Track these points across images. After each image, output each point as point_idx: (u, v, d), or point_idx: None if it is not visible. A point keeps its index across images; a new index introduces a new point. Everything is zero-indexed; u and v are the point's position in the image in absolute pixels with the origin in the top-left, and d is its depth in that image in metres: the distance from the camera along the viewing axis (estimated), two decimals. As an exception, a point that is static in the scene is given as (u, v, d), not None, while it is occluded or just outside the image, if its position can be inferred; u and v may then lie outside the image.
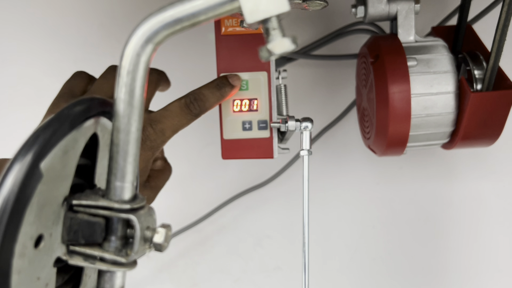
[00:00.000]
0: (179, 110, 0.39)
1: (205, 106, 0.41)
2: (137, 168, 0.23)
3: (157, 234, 0.22)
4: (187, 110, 0.39)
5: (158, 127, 0.38)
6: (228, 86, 0.43)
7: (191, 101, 0.40)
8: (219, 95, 0.42)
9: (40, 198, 0.19)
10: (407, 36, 0.49)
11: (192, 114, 0.40)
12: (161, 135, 0.38)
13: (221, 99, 0.42)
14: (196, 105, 0.40)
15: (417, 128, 0.48)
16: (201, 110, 0.40)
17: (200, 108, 0.40)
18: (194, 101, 0.40)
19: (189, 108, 0.39)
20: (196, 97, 0.40)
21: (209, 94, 0.41)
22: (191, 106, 0.40)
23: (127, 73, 0.21)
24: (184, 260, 0.68)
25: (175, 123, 0.39)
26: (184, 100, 0.40)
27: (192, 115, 0.40)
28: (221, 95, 0.42)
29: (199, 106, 0.40)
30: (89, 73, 0.44)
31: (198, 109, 0.40)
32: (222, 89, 0.42)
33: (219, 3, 0.20)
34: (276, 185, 0.66)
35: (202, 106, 0.40)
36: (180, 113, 0.39)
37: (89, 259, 0.22)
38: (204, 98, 0.40)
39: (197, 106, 0.40)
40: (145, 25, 0.20)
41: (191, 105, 0.40)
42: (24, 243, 0.18)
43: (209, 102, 0.41)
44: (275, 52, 0.20)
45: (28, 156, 0.18)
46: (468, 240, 0.65)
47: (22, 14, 0.66)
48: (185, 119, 0.39)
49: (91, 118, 0.22)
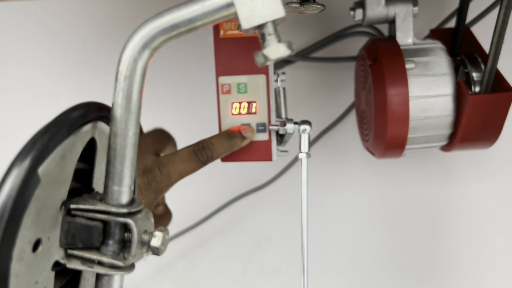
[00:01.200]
0: (187, 156, 0.40)
1: (212, 155, 0.41)
2: (134, 173, 0.23)
3: (154, 238, 0.22)
4: (195, 157, 0.40)
5: (165, 170, 0.39)
6: (239, 137, 0.43)
7: (199, 149, 0.41)
8: (228, 146, 0.42)
9: (38, 202, 0.19)
10: (405, 38, 0.49)
11: (199, 161, 0.41)
12: (167, 179, 0.39)
13: (230, 150, 0.43)
14: (204, 154, 0.41)
15: (416, 130, 0.48)
16: (208, 158, 0.41)
17: (208, 156, 0.41)
18: (202, 149, 0.41)
19: (196, 155, 0.40)
20: (204, 146, 0.41)
21: (217, 144, 0.42)
22: (199, 154, 0.41)
23: (124, 79, 0.21)
24: (184, 262, 0.68)
25: (181, 168, 0.40)
26: (193, 147, 0.41)
27: (199, 163, 0.41)
28: (230, 145, 0.43)
29: (206, 154, 0.41)
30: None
31: (205, 157, 0.41)
32: (232, 140, 0.43)
33: (215, 9, 0.20)
34: (275, 187, 0.66)
35: (209, 155, 0.41)
36: (187, 159, 0.40)
37: (87, 262, 0.22)
38: (212, 147, 0.41)
39: (205, 154, 0.41)
40: (142, 31, 0.20)
41: (199, 152, 0.41)
42: (22, 247, 0.19)
43: (217, 151, 0.42)
44: (270, 57, 0.20)
45: (26, 161, 0.18)
46: (467, 241, 0.65)
47: (21, 17, 0.66)
48: (191, 165, 0.40)
49: (89, 123, 0.22)
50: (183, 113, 0.67)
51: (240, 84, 0.45)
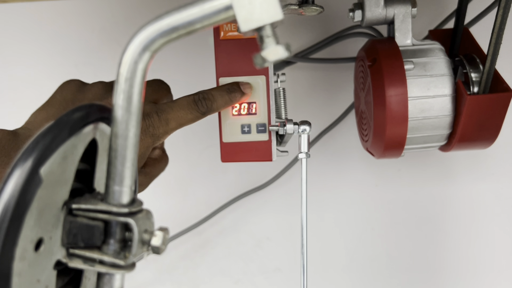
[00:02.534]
0: (186, 104, 0.40)
1: (212, 106, 0.41)
2: (135, 173, 0.23)
3: (155, 237, 0.23)
4: (195, 107, 0.40)
5: (163, 116, 0.38)
6: (238, 91, 0.43)
7: (199, 98, 0.40)
8: (227, 99, 0.42)
9: (40, 202, 0.19)
10: (404, 39, 0.50)
11: (199, 111, 0.40)
12: (165, 124, 0.38)
13: (230, 104, 0.43)
14: (204, 104, 0.41)
15: (414, 130, 0.48)
16: (208, 109, 0.41)
17: (208, 107, 0.41)
18: (203, 100, 0.41)
19: (196, 104, 0.40)
20: (205, 96, 0.41)
21: (218, 96, 0.42)
22: (199, 104, 0.40)
23: (125, 80, 0.21)
24: (185, 262, 0.68)
25: (180, 116, 0.39)
26: (193, 96, 0.41)
27: (199, 112, 0.40)
28: (230, 99, 0.43)
29: (206, 105, 0.41)
30: (79, 80, 0.45)
31: (205, 107, 0.41)
32: (232, 93, 0.43)
33: (214, 12, 0.20)
34: (275, 187, 0.66)
35: (209, 106, 0.41)
36: (187, 107, 0.40)
37: (89, 261, 0.22)
38: (212, 98, 0.41)
39: (205, 104, 0.41)
40: (142, 33, 0.21)
41: (199, 102, 0.40)
42: (25, 246, 0.19)
43: (217, 103, 0.41)
44: (269, 60, 0.21)
45: (28, 162, 0.18)
46: (467, 241, 0.65)
47: (24, 18, 0.67)
48: (191, 114, 0.40)
49: (90, 124, 0.22)
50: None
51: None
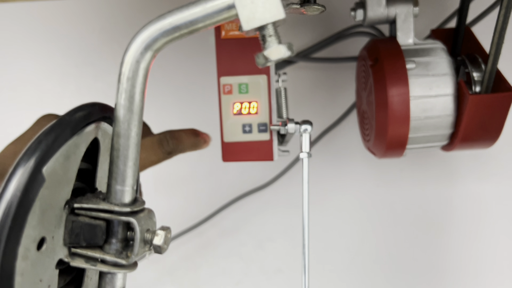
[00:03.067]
0: (150, 145, 0.38)
1: (178, 146, 0.40)
2: (137, 172, 0.23)
3: (157, 237, 0.23)
4: (159, 146, 0.38)
5: None
6: (202, 139, 0.42)
7: (166, 138, 0.39)
8: (194, 141, 0.41)
9: (42, 202, 0.19)
10: (406, 39, 0.49)
11: (163, 151, 0.39)
12: None
13: (194, 148, 0.41)
14: (170, 143, 0.39)
15: (416, 130, 0.48)
16: (173, 149, 0.39)
17: (174, 146, 0.39)
18: (169, 139, 0.39)
19: (161, 144, 0.38)
20: (171, 136, 0.39)
21: (184, 136, 0.40)
22: (164, 143, 0.39)
23: (127, 80, 0.21)
24: (186, 263, 0.68)
25: (144, 157, 0.37)
26: (158, 136, 0.39)
27: (163, 153, 0.39)
28: (195, 142, 0.41)
29: (172, 144, 0.39)
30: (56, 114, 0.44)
31: (172, 146, 0.39)
32: (197, 137, 0.41)
33: (216, 11, 0.20)
34: (277, 187, 0.66)
35: (175, 145, 0.39)
36: (151, 148, 0.38)
37: (91, 261, 0.22)
38: (180, 138, 0.40)
39: (171, 144, 0.39)
40: (144, 33, 0.21)
41: (164, 142, 0.39)
42: (27, 246, 0.19)
43: (183, 144, 0.40)
44: (271, 59, 0.20)
45: (31, 161, 0.18)
46: (469, 242, 0.65)
47: (24, 19, 0.67)
48: (154, 155, 0.38)
49: (92, 124, 0.22)
50: (185, 113, 0.67)
51: (242, 84, 0.45)
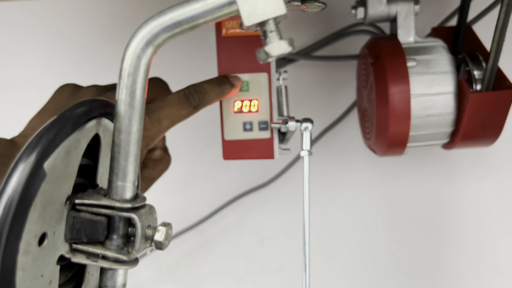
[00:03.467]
0: (177, 100, 0.38)
1: (204, 99, 0.40)
2: (139, 168, 0.23)
3: (158, 233, 0.23)
4: (186, 101, 0.39)
5: (155, 115, 0.37)
6: (228, 83, 0.43)
7: (190, 92, 0.39)
8: (219, 91, 0.42)
9: (43, 197, 0.19)
10: (407, 37, 0.49)
11: (191, 105, 0.39)
12: (157, 125, 0.37)
13: (221, 96, 0.42)
14: (196, 97, 0.39)
15: (417, 128, 0.48)
16: (200, 102, 0.40)
17: (200, 100, 0.40)
18: (194, 93, 0.39)
19: (188, 99, 0.39)
20: (196, 89, 0.40)
21: (209, 88, 0.41)
22: (190, 98, 0.39)
23: (128, 75, 0.21)
24: (186, 261, 0.68)
25: (172, 113, 0.38)
26: (184, 91, 0.39)
27: (191, 107, 0.39)
28: (221, 91, 0.42)
29: (198, 98, 0.40)
30: (75, 84, 0.43)
31: (198, 100, 0.39)
32: (222, 85, 0.42)
33: (217, 7, 0.20)
34: (278, 185, 0.66)
35: (201, 99, 0.40)
36: (178, 103, 0.38)
37: (92, 257, 0.22)
38: (204, 91, 0.40)
39: (197, 98, 0.39)
40: (145, 28, 0.21)
41: (190, 96, 0.39)
42: (29, 241, 0.19)
43: (208, 96, 0.40)
44: (272, 54, 0.20)
45: (32, 156, 0.18)
46: (470, 240, 0.65)
47: (25, 17, 0.67)
48: (183, 109, 0.39)
49: (93, 119, 0.22)
50: (185, 112, 0.67)
51: (242, 82, 0.45)
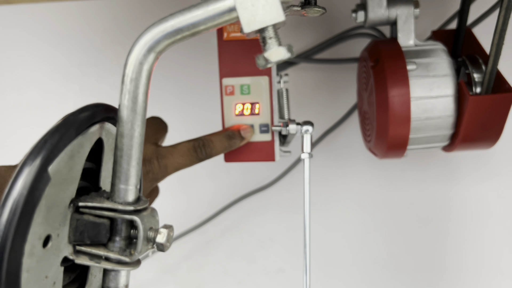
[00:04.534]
0: (186, 151, 0.41)
1: (211, 153, 0.42)
2: (140, 171, 0.23)
3: (160, 235, 0.23)
4: (194, 154, 0.41)
5: (163, 162, 0.40)
6: (238, 138, 0.44)
7: (199, 146, 0.42)
8: (227, 145, 0.43)
9: (48, 200, 0.20)
10: (407, 40, 0.50)
11: (197, 158, 0.41)
12: (164, 171, 0.40)
13: (229, 149, 0.44)
14: (204, 151, 0.42)
15: (417, 131, 0.48)
16: (207, 155, 0.42)
17: (207, 154, 0.42)
18: (202, 147, 0.42)
19: (196, 151, 0.41)
20: (205, 143, 0.42)
21: (217, 142, 0.43)
22: (198, 151, 0.41)
23: (130, 81, 0.22)
24: (188, 262, 0.69)
25: (179, 162, 0.40)
26: (193, 143, 0.42)
27: (196, 159, 0.42)
28: (229, 145, 0.43)
29: (206, 152, 0.42)
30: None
31: (204, 154, 0.42)
32: (231, 140, 0.44)
33: (217, 14, 0.21)
34: (279, 187, 0.66)
35: (208, 153, 0.42)
36: (186, 154, 0.41)
37: (95, 258, 0.23)
38: (212, 145, 0.42)
39: (204, 152, 0.42)
40: (147, 35, 0.21)
41: (198, 149, 0.41)
42: (33, 243, 0.19)
43: (216, 150, 0.42)
44: (271, 60, 0.21)
45: (37, 160, 0.19)
46: (470, 242, 0.65)
47: (28, 20, 0.67)
48: (189, 160, 0.41)
49: (96, 124, 0.23)
50: (187, 114, 0.68)
51: (244, 85, 0.45)
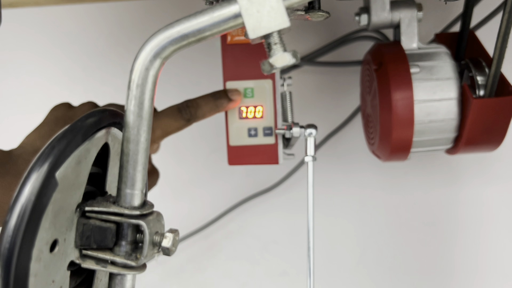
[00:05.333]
0: (170, 112, 0.41)
1: (196, 113, 0.42)
2: (146, 176, 0.24)
3: (165, 239, 0.23)
4: (179, 114, 0.41)
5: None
6: (225, 98, 0.43)
7: (183, 106, 0.41)
8: (213, 106, 0.43)
9: (55, 205, 0.20)
10: (410, 43, 0.50)
11: (183, 118, 0.41)
12: (152, 135, 0.39)
13: (216, 110, 0.43)
14: (188, 111, 0.41)
15: (421, 134, 0.48)
16: (192, 116, 0.41)
17: (191, 113, 0.41)
18: (186, 107, 0.41)
19: (180, 112, 0.41)
20: (188, 104, 0.42)
21: (202, 102, 0.42)
22: (183, 111, 0.41)
23: (136, 87, 0.22)
24: (192, 265, 0.69)
25: (165, 123, 0.40)
26: (177, 105, 0.41)
27: (183, 120, 0.41)
28: (216, 105, 0.43)
29: (190, 112, 0.41)
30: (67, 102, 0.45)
31: (189, 114, 0.41)
32: (218, 100, 0.43)
33: (223, 20, 0.21)
34: (282, 190, 0.67)
35: (193, 112, 0.41)
36: (171, 115, 0.41)
37: (101, 262, 0.23)
38: (196, 106, 0.42)
39: (189, 111, 0.41)
40: (153, 41, 0.21)
41: (182, 110, 0.41)
42: (41, 248, 0.19)
43: (201, 110, 0.42)
44: (276, 66, 0.21)
45: (44, 166, 0.19)
46: (474, 244, 0.65)
47: (32, 24, 0.68)
48: (176, 122, 0.41)
49: (103, 129, 0.23)
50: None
51: (247, 88, 0.46)
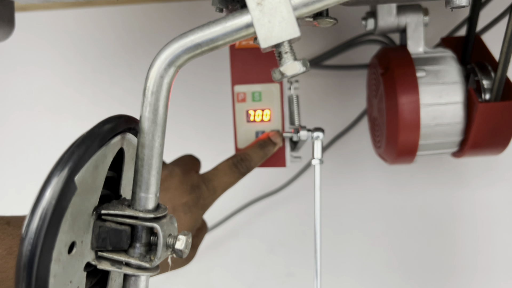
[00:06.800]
0: (228, 169, 0.43)
1: (250, 165, 0.44)
2: (159, 180, 0.24)
3: (178, 241, 0.24)
4: (236, 169, 0.43)
5: (210, 185, 0.41)
6: (271, 145, 0.46)
7: (238, 161, 0.43)
8: (262, 154, 0.45)
9: (74, 209, 0.21)
10: (416, 47, 0.50)
11: (239, 172, 0.43)
12: (213, 193, 0.41)
13: (265, 158, 0.46)
14: (243, 165, 0.43)
15: (427, 137, 0.49)
16: (248, 169, 0.44)
17: (247, 167, 0.44)
18: (241, 161, 0.43)
19: (237, 167, 0.43)
20: (242, 158, 0.44)
21: (253, 155, 0.44)
22: (239, 166, 0.43)
23: (151, 94, 0.22)
24: (198, 266, 0.69)
25: (225, 181, 0.42)
26: (232, 160, 0.43)
27: (239, 174, 0.43)
28: (264, 154, 0.45)
29: (245, 165, 0.43)
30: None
31: (245, 168, 0.44)
32: (265, 148, 0.45)
33: (235, 29, 0.21)
34: (289, 193, 0.67)
35: (248, 165, 0.44)
36: (229, 172, 0.42)
37: (116, 264, 0.24)
38: (249, 158, 0.44)
39: (244, 165, 0.43)
40: (168, 50, 0.22)
41: (238, 164, 0.43)
42: (60, 250, 0.20)
43: (254, 161, 0.44)
44: (287, 74, 0.22)
45: (64, 171, 0.20)
46: (479, 247, 0.66)
47: (42, 27, 0.69)
48: (233, 177, 0.43)
49: (118, 135, 0.24)
50: (199, 120, 0.69)
51: (255, 92, 0.46)
